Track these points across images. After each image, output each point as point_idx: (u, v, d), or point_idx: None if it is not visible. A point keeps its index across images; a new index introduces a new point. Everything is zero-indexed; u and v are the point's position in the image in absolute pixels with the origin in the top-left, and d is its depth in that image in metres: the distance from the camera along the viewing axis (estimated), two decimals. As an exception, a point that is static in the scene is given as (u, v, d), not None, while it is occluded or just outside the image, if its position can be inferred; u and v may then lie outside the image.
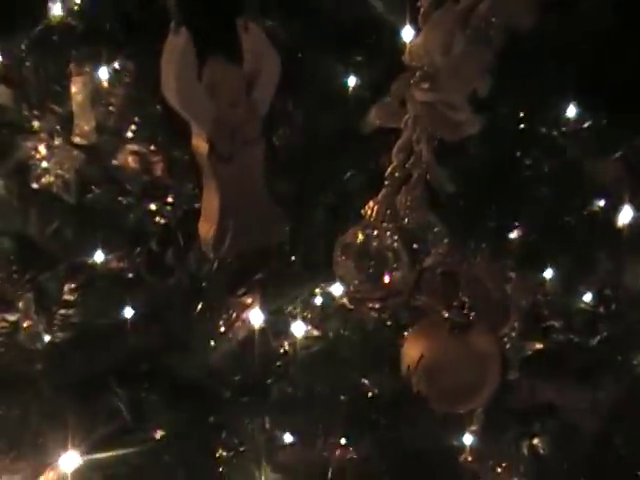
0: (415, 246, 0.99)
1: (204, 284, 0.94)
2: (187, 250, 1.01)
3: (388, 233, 0.92)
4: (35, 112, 1.31)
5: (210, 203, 1.04)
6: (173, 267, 1.01)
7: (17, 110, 1.31)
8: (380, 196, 0.92)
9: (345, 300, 1.23)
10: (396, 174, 0.90)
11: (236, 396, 1.04)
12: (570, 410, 1.43)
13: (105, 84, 1.29)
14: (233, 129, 1.01)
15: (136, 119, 1.32)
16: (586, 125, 1.20)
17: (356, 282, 0.94)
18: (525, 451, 1.44)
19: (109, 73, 1.24)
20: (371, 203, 0.93)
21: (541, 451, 1.45)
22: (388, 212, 0.91)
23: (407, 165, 0.90)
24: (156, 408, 1.01)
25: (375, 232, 0.91)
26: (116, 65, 1.24)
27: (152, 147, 1.35)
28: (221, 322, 1.06)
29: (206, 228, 1.02)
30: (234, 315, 1.08)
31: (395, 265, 0.93)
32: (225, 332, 1.06)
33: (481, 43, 0.85)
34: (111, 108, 1.33)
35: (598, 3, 1.17)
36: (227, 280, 1.01)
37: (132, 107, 1.31)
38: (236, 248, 1.01)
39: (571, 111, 1.20)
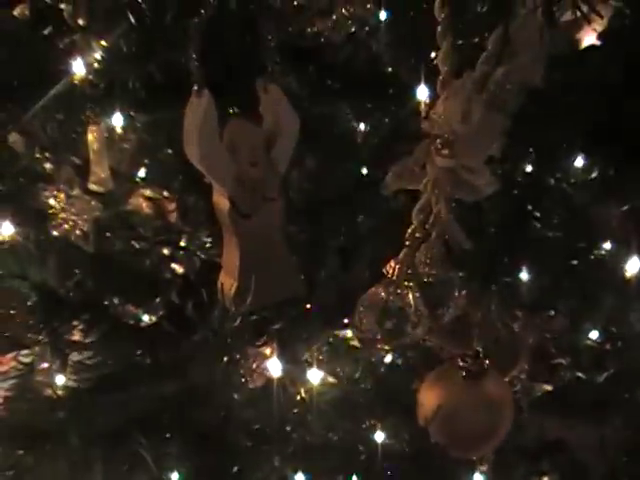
0: (434, 301, 1.01)
1: (228, 339, 0.96)
2: (209, 304, 1.03)
3: (409, 291, 0.95)
4: (52, 161, 1.33)
5: (231, 258, 1.06)
6: (194, 320, 1.02)
7: (35, 159, 1.33)
8: (401, 255, 0.95)
9: (355, 342, 1.25)
10: (417, 234, 0.93)
11: (257, 444, 1.06)
12: (579, 447, 1.45)
13: (119, 130, 1.32)
14: (253, 187, 1.04)
15: (148, 164, 1.34)
16: (594, 175, 1.23)
17: (378, 337, 0.97)
18: (535, 488, 1.44)
19: (123, 120, 1.26)
20: (392, 262, 0.95)
21: (550, 488, 1.45)
22: (409, 271, 0.94)
23: (427, 225, 0.93)
24: (179, 458, 1.03)
25: (398, 290, 0.93)
26: (131, 113, 1.26)
27: (165, 193, 1.38)
28: (241, 372, 1.08)
29: (228, 283, 1.04)
30: (254, 365, 1.10)
31: (416, 321, 0.96)
32: (245, 382, 1.08)
33: (497, 109, 0.88)
34: (124, 154, 1.36)
35: (605, 56, 1.20)
36: (248, 333, 1.03)
37: (145, 154, 1.33)
38: (258, 303, 1.03)
39: (579, 162, 1.23)
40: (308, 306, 1.23)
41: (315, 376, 1.17)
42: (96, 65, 1.17)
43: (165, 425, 1.04)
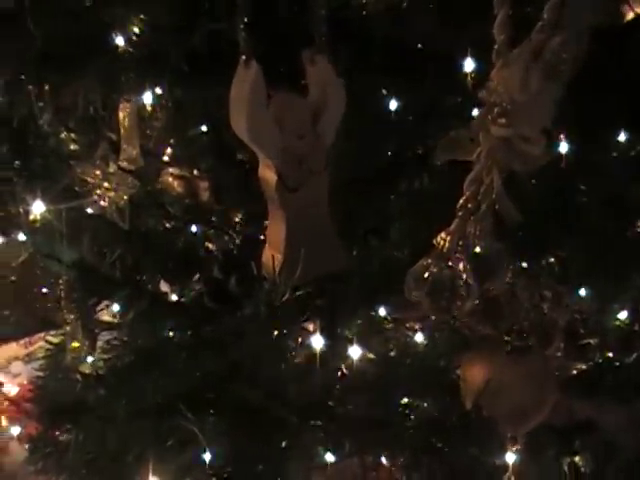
0: (484, 274, 1.00)
1: (279, 314, 0.95)
2: (254, 279, 1.02)
3: (460, 263, 0.94)
4: (86, 138, 1.33)
5: (277, 232, 1.06)
6: (240, 297, 1.02)
7: (66, 137, 1.32)
8: (452, 227, 0.94)
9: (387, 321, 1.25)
10: (468, 205, 0.92)
11: (302, 420, 1.05)
12: (609, 427, 1.44)
13: (149, 108, 1.31)
14: (300, 160, 1.03)
15: (179, 142, 1.34)
16: (637, 150, 1.22)
17: (429, 310, 0.96)
18: (566, 469, 1.44)
19: (154, 97, 1.25)
20: (443, 234, 0.94)
21: (582, 468, 1.45)
22: (460, 243, 0.93)
23: (478, 197, 0.92)
24: (223, 433, 1.02)
25: (449, 263, 0.93)
26: (158, 90, 1.25)
27: (195, 171, 1.37)
28: (287, 347, 1.07)
29: (275, 258, 1.04)
30: (299, 341, 1.09)
31: (466, 294, 0.95)
32: (291, 357, 1.07)
33: (553, 78, 0.87)
34: (154, 132, 1.35)
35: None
36: (295, 309, 1.02)
37: (176, 131, 1.33)
38: (305, 276, 1.03)
39: (622, 137, 1.22)
40: (347, 283, 1.22)
41: (355, 352, 1.16)
42: (135, 38, 1.15)
43: (210, 401, 1.03)
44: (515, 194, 0.96)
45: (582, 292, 1.33)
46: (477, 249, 0.94)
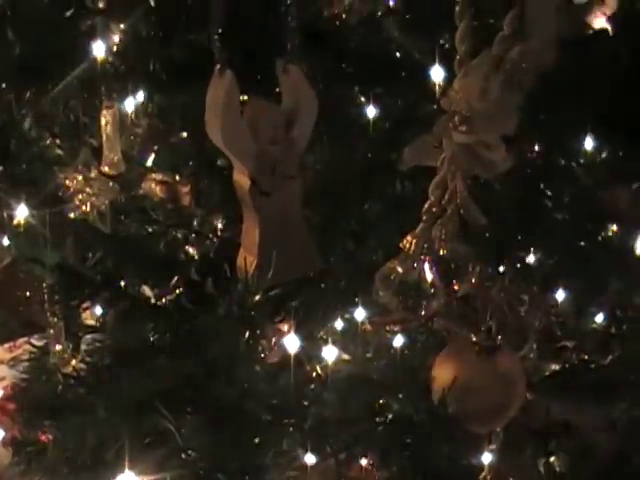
0: (449, 276, 1.04)
1: (252, 313, 0.98)
2: (230, 280, 1.06)
3: (426, 265, 0.97)
4: (68, 144, 1.35)
5: (251, 235, 1.09)
6: (216, 297, 1.05)
7: (49, 144, 1.35)
8: (417, 230, 0.97)
9: (366, 324, 1.28)
10: (433, 209, 0.95)
11: (275, 418, 1.08)
12: (586, 428, 1.47)
13: (131, 115, 1.34)
14: (273, 165, 1.06)
15: (161, 148, 1.37)
16: (603, 156, 1.25)
17: (395, 310, 0.99)
18: (542, 469, 1.46)
19: (135, 104, 1.29)
20: (409, 237, 0.98)
21: (557, 469, 1.47)
22: (425, 245, 0.96)
23: (443, 201, 0.96)
24: (201, 431, 1.05)
25: (414, 264, 0.96)
26: (141, 97, 1.28)
27: (177, 177, 1.40)
28: (261, 347, 1.10)
29: (248, 260, 1.07)
30: (272, 341, 1.12)
31: (432, 294, 0.99)
32: (264, 357, 1.10)
33: (513, 87, 0.90)
34: (136, 138, 1.38)
35: (614, 39, 1.23)
36: (269, 309, 1.05)
37: (158, 137, 1.36)
38: (278, 278, 1.06)
39: (589, 144, 1.25)
40: (323, 285, 1.24)
41: (330, 353, 1.19)
42: (115, 48, 1.18)
43: (186, 399, 1.06)
44: (480, 198, 0.99)
45: (559, 295, 1.34)
46: (442, 251, 0.97)
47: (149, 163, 1.36)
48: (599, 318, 1.39)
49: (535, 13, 0.92)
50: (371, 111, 1.25)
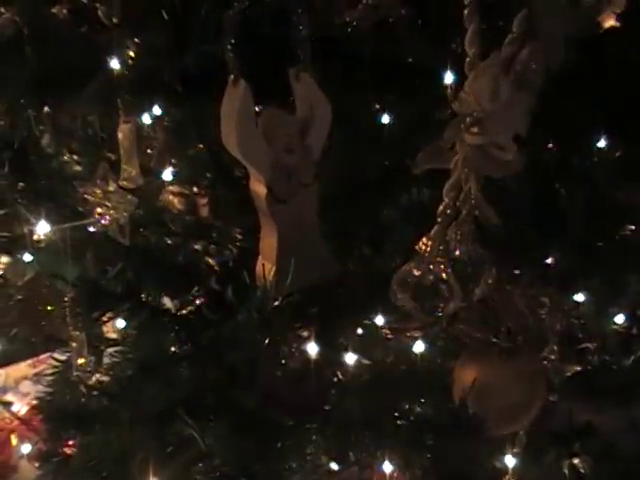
0: (466, 278, 1.04)
1: (270, 320, 0.99)
2: (249, 288, 1.07)
3: (442, 267, 0.98)
4: (85, 159, 1.37)
5: (268, 243, 1.10)
6: (236, 305, 1.06)
7: (67, 160, 1.37)
8: (433, 232, 0.98)
9: (386, 330, 1.28)
10: (448, 211, 0.96)
11: (297, 423, 1.09)
12: (608, 429, 1.46)
13: (148, 129, 1.35)
14: (289, 173, 1.07)
15: (180, 161, 1.38)
16: (617, 155, 1.26)
17: (413, 313, 1.00)
18: (566, 471, 1.46)
19: (152, 118, 1.30)
20: (424, 239, 0.99)
21: (582, 470, 1.47)
22: (441, 247, 0.97)
23: (457, 203, 0.96)
24: (224, 437, 1.06)
25: (430, 266, 0.97)
26: (158, 111, 1.30)
27: (195, 189, 1.41)
28: (281, 355, 1.11)
29: (267, 267, 1.08)
30: (293, 347, 1.13)
31: (449, 296, 0.99)
32: (285, 364, 1.11)
33: (524, 87, 0.91)
34: (153, 151, 1.40)
35: (625, 37, 1.23)
36: (288, 315, 1.06)
37: (175, 150, 1.37)
38: (296, 285, 1.07)
39: (602, 142, 1.26)
40: (341, 292, 1.25)
41: (350, 359, 1.19)
42: (130, 62, 1.20)
43: (209, 406, 1.07)
44: (494, 199, 1.00)
45: (580, 297, 1.34)
46: (457, 253, 0.98)
47: (167, 176, 1.36)
48: (620, 319, 1.38)
49: (543, 14, 0.93)
50: (385, 117, 1.25)
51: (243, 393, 1.06)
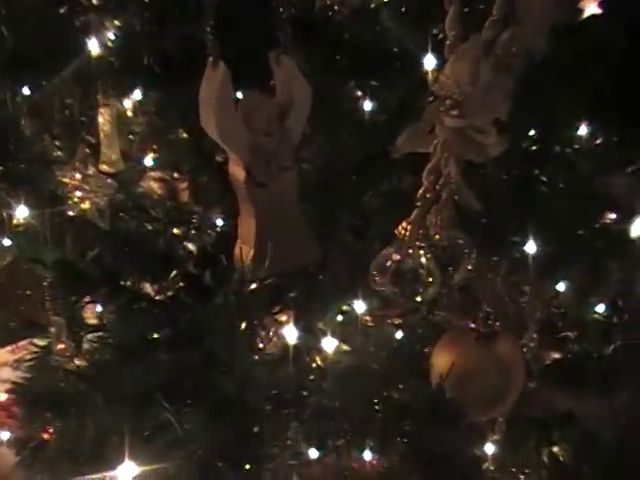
0: (445, 263, 1.04)
1: (247, 303, 0.99)
2: (227, 272, 1.06)
3: (421, 251, 0.98)
4: (65, 143, 1.36)
5: (247, 227, 1.09)
6: (213, 289, 1.05)
7: (46, 142, 1.36)
8: (412, 217, 0.98)
9: (367, 317, 1.28)
10: (427, 195, 0.96)
11: (275, 409, 1.09)
12: (588, 417, 1.47)
13: (129, 113, 1.34)
14: (268, 156, 1.07)
15: (160, 146, 1.37)
16: (598, 142, 1.26)
17: (392, 298, 1.00)
18: (545, 458, 1.47)
19: (133, 102, 1.29)
20: (404, 224, 0.98)
21: (561, 458, 1.47)
22: (420, 232, 0.97)
23: (437, 187, 0.96)
24: (201, 422, 1.06)
25: (409, 251, 0.96)
26: (139, 95, 1.29)
27: (176, 174, 1.40)
28: (259, 339, 1.11)
29: (245, 251, 1.07)
30: (271, 332, 1.13)
31: (429, 281, 0.99)
32: (263, 348, 1.11)
33: (504, 71, 0.91)
34: (135, 136, 1.39)
35: (606, 23, 1.23)
36: (266, 299, 1.06)
37: (156, 135, 1.36)
38: (274, 269, 1.06)
39: (583, 129, 1.25)
40: (321, 277, 1.25)
41: (329, 345, 1.19)
42: (110, 43, 1.19)
43: (187, 391, 1.07)
44: (474, 184, 1.00)
45: (561, 285, 1.34)
46: (437, 238, 0.98)
47: (149, 161, 1.35)
48: (601, 308, 1.38)
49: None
50: (367, 103, 1.24)
51: (221, 377, 1.05)
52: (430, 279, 0.99)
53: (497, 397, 1.16)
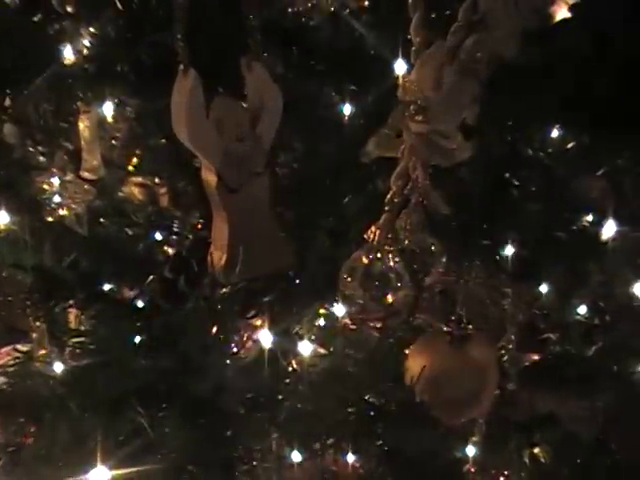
0: (415, 267, 1.05)
1: (218, 308, 1.00)
2: (201, 276, 1.07)
3: (390, 255, 0.98)
4: (46, 149, 1.37)
5: (220, 232, 1.10)
6: (187, 293, 1.06)
7: (28, 151, 1.36)
8: (381, 221, 0.98)
9: (347, 320, 1.29)
10: (395, 200, 0.97)
11: (249, 412, 1.09)
12: (569, 419, 1.47)
13: (110, 119, 1.35)
14: (240, 162, 1.08)
15: (141, 152, 1.38)
16: (570, 146, 1.27)
17: (361, 302, 1.00)
18: (527, 460, 1.47)
19: (114, 109, 1.30)
20: (373, 228, 0.99)
21: (542, 460, 1.48)
22: (389, 236, 0.98)
23: (405, 191, 0.97)
24: (175, 426, 1.06)
25: (378, 255, 0.97)
26: (119, 100, 1.29)
27: (157, 179, 1.41)
28: (233, 343, 1.11)
29: (218, 256, 1.08)
30: (245, 336, 1.13)
31: (398, 285, 1.00)
32: (237, 352, 1.11)
33: (468, 76, 0.92)
34: (115, 142, 1.39)
35: (576, 28, 1.24)
36: (238, 304, 1.06)
37: (136, 141, 1.37)
38: (246, 274, 1.07)
39: (555, 133, 1.26)
40: (298, 281, 1.25)
41: (306, 348, 1.20)
42: (85, 51, 1.19)
43: (161, 395, 1.07)
44: (444, 188, 1.01)
45: (542, 287, 1.35)
46: (407, 241, 0.99)
47: (131, 166, 1.36)
48: (582, 309, 1.38)
49: (491, 3, 0.94)
50: (345, 107, 1.25)
51: (195, 382, 1.06)
52: (399, 283, 0.99)
53: (470, 400, 1.17)
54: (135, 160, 1.39)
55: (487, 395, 1.18)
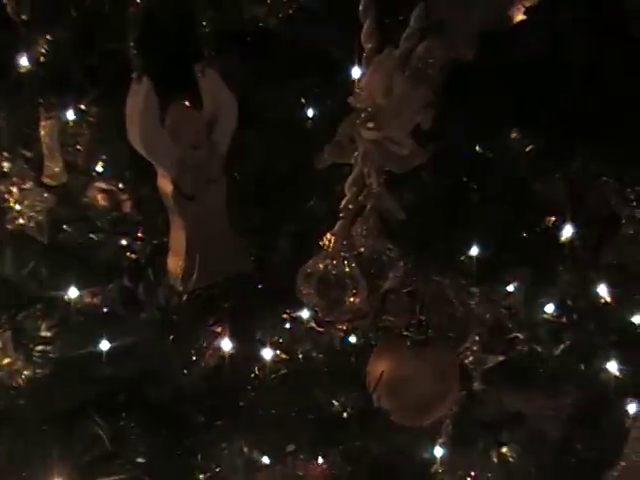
0: (372, 272, 1.05)
1: (175, 316, 0.99)
2: (157, 285, 1.06)
3: (346, 262, 0.98)
4: (5, 155, 1.36)
5: (177, 239, 1.10)
6: (144, 302, 1.05)
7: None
8: (336, 227, 0.98)
9: (313, 324, 1.28)
10: (350, 206, 0.97)
11: (210, 420, 1.09)
12: (536, 418, 1.48)
13: (72, 125, 1.34)
14: (195, 169, 1.07)
15: (104, 158, 1.37)
16: (528, 149, 1.27)
17: (319, 308, 1.00)
18: (495, 460, 1.47)
19: (75, 115, 1.29)
20: (328, 235, 0.99)
21: (510, 459, 1.48)
22: (345, 242, 0.97)
23: (360, 197, 0.97)
24: (134, 435, 1.06)
25: (334, 261, 0.97)
26: (82, 107, 1.29)
27: (120, 185, 1.40)
28: (193, 351, 1.11)
29: (174, 263, 1.08)
30: (205, 344, 1.13)
31: (354, 290, 1.00)
32: (197, 360, 1.11)
33: (420, 82, 0.92)
34: (79, 147, 1.38)
35: (534, 31, 1.24)
36: (197, 311, 1.06)
37: (99, 147, 1.36)
38: (204, 280, 1.06)
39: (513, 136, 1.26)
40: (260, 286, 1.25)
41: (268, 354, 1.19)
42: (42, 58, 1.19)
43: (121, 404, 1.07)
44: (400, 193, 1.01)
45: (510, 287, 1.35)
46: (362, 248, 0.98)
47: (94, 172, 1.35)
48: (550, 308, 1.39)
49: (443, 9, 0.93)
50: (306, 110, 1.25)
51: (153, 391, 1.05)
52: (356, 288, 0.99)
53: (431, 403, 1.17)
54: (100, 165, 1.38)
55: (448, 398, 1.18)
